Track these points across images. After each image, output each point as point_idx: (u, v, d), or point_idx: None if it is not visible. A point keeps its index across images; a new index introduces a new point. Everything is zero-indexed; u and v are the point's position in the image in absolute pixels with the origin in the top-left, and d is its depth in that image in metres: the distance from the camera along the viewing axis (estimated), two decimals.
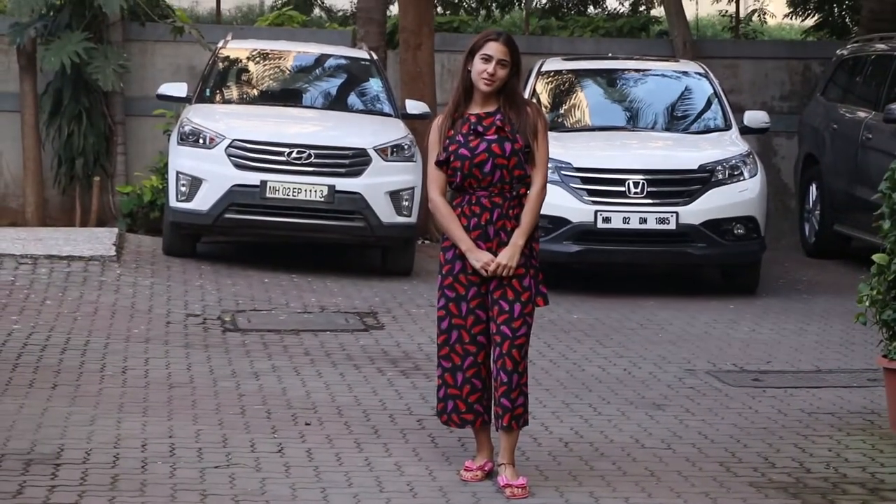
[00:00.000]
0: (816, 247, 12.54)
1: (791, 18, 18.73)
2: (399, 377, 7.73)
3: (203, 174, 10.89)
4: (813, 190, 12.63)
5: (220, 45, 12.32)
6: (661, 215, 10.10)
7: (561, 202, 10.15)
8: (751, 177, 10.47)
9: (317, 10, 19.85)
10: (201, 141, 11.03)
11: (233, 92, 12.21)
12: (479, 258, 5.69)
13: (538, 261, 5.78)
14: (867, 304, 6.50)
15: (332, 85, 12.41)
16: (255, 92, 12.21)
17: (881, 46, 12.42)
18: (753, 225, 10.38)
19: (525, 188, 5.75)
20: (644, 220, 10.13)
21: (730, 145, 10.75)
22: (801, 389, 7.59)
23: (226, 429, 6.57)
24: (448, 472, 5.99)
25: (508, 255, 5.68)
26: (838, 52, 13.15)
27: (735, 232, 10.29)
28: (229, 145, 10.92)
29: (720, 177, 10.36)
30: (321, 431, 6.59)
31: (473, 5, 18.67)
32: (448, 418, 5.90)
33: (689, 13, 17.02)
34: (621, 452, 6.22)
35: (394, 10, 15.66)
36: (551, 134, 9.75)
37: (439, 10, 18.38)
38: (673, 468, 6.11)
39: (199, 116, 11.30)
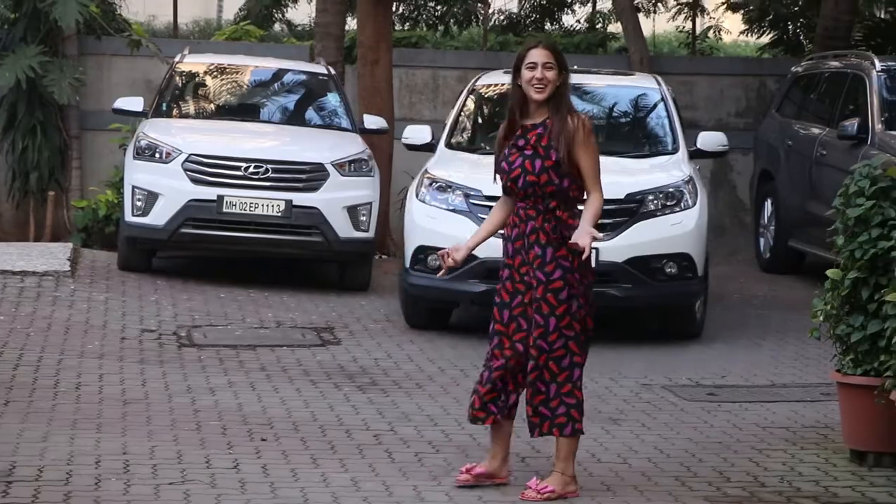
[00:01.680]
0: (771, 262, 12.62)
1: (747, 35, 18.87)
2: (355, 392, 7.71)
3: (159, 189, 10.85)
4: (768, 206, 12.72)
5: (176, 59, 12.28)
6: None
7: (467, 235, 7.32)
8: (687, 208, 9.23)
9: (277, 25, 19.83)
10: (157, 155, 10.99)
11: (190, 106, 12.17)
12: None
13: (585, 287, 5.84)
14: (821, 318, 6.54)
15: (290, 100, 12.39)
16: (212, 106, 12.18)
17: (835, 64, 12.52)
18: (688, 263, 9.14)
19: (557, 201, 5.83)
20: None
21: (670, 171, 9.53)
22: (756, 404, 7.64)
23: (181, 445, 6.53)
24: (405, 486, 5.98)
25: (581, 236, 5.68)
26: (793, 69, 13.26)
27: (666, 271, 9.09)
28: (186, 160, 10.88)
29: (651, 207, 9.12)
30: (277, 447, 6.56)
31: (431, 21, 18.71)
32: (468, 412, 5.99)
33: (647, 30, 17.13)
34: (577, 468, 6.22)
35: (352, 25, 15.66)
36: (472, 157, 9.75)
37: (398, 25, 18.40)
38: (629, 483, 6.12)
39: (155, 131, 11.25)
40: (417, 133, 10.39)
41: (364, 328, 9.51)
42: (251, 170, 10.79)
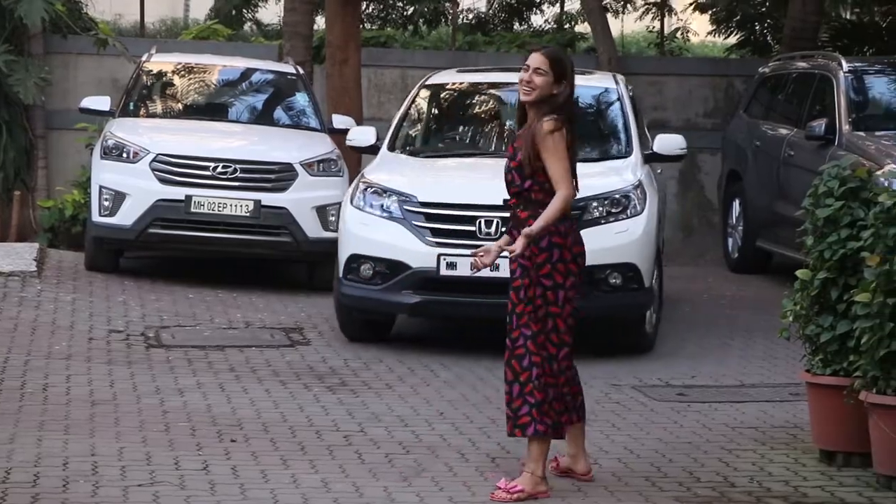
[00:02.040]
0: (739, 262, 12.65)
1: (714, 36, 18.92)
2: (325, 393, 7.68)
3: (127, 188, 10.79)
4: (736, 206, 12.75)
5: (144, 58, 12.21)
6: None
7: (401, 243, 8.59)
8: (634, 215, 8.67)
9: (246, 25, 19.77)
10: (125, 155, 10.94)
11: (157, 106, 12.11)
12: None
13: (563, 279, 5.92)
14: (790, 319, 6.56)
15: (258, 99, 12.34)
16: (180, 106, 12.11)
17: (802, 64, 12.56)
18: (633, 273, 8.56)
19: (519, 201, 5.97)
20: (496, 267, 6.53)
21: (618, 175, 8.95)
22: (725, 404, 7.65)
23: (149, 446, 6.48)
24: (375, 487, 5.96)
25: (514, 245, 5.84)
26: (761, 69, 13.29)
27: (610, 282, 8.55)
28: (153, 159, 10.83)
29: (595, 214, 8.58)
30: (247, 448, 6.52)
31: (400, 21, 18.69)
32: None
33: (615, 30, 17.14)
34: (548, 468, 6.21)
35: (321, 24, 15.61)
36: (414, 161, 9.29)
37: (367, 25, 18.36)
38: (599, 483, 6.11)
39: (122, 130, 11.19)
40: (361, 135, 9.88)
41: (332, 329, 9.48)
42: (219, 170, 10.74)
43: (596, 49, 14.99)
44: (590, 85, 9.86)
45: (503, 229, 7.68)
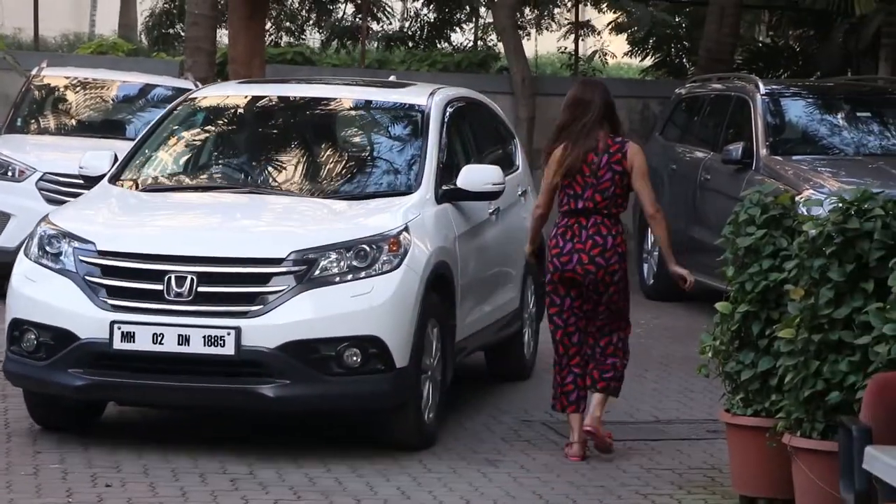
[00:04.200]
0: (655, 288, 12.31)
1: (630, 57, 18.71)
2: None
3: (11, 209, 10.36)
4: (651, 231, 12.42)
5: (33, 72, 11.67)
6: (213, 332, 6.40)
7: (68, 306, 6.58)
8: (384, 272, 6.63)
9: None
10: (10, 173, 10.53)
11: (47, 122, 11.58)
12: None
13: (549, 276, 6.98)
14: (710, 354, 6.16)
15: (155, 116, 11.79)
16: (73, 122, 11.59)
17: (719, 86, 12.30)
18: (378, 350, 6.53)
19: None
20: (186, 340, 6.41)
21: (378, 218, 6.90)
22: (640, 442, 7.24)
23: (14, 493, 5.93)
24: None
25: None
26: (677, 90, 13.01)
27: (345, 361, 6.52)
28: (40, 178, 10.35)
29: (330, 271, 6.58)
30: (122, 494, 6.00)
31: (319, 39, 18.33)
32: None
33: (530, 51, 16.86)
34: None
35: (226, 40, 15.14)
36: (125, 195, 7.22)
37: (283, 40, 17.92)
38: None
39: (8, 147, 10.73)
40: (96, 161, 7.57)
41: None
42: None
43: (509, 69, 14.66)
44: (395, 101, 7.92)
45: (200, 288, 6.47)
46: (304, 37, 18.83)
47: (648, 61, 18.30)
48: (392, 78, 9.80)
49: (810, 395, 5.51)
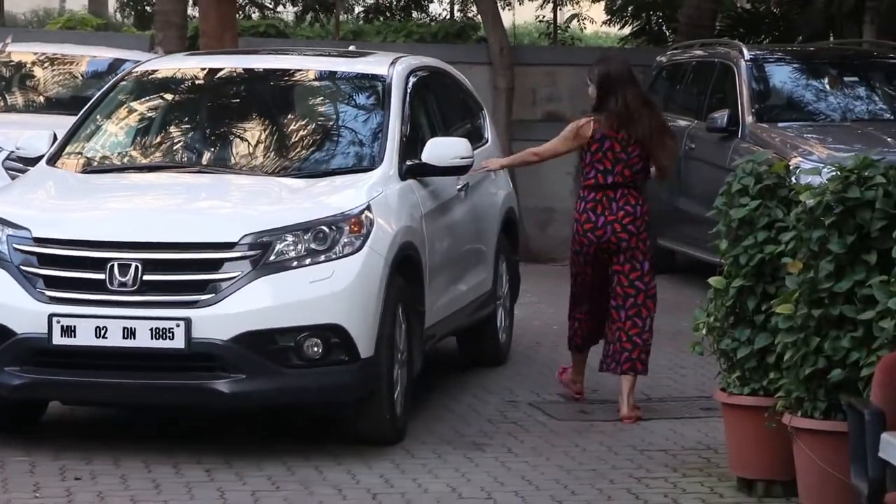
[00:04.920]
0: None
1: (609, 25, 18.44)
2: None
3: None
4: None
5: None
6: (160, 325, 5.98)
7: (1, 298, 6.10)
8: (345, 254, 6.18)
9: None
10: None
11: (14, 99, 11.24)
12: None
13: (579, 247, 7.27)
14: (703, 331, 5.91)
15: None
16: (40, 99, 11.24)
17: (701, 53, 12.04)
18: (340, 339, 6.10)
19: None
20: (132, 333, 5.99)
21: (339, 197, 6.47)
22: (632, 422, 7.00)
23: None
24: None
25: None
26: (658, 58, 12.74)
27: (305, 352, 6.07)
28: (7, 157, 9.95)
29: (288, 255, 6.11)
30: (93, 487, 5.73)
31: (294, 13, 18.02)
32: None
33: (507, 21, 16.57)
34: None
35: (196, 13, 14.80)
36: (65, 177, 6.73)
37: (254, 14, 17.59)
38: None
39: None
40: (34, 141, 7.13)
41: None
42: None
43: (486, 39, 14.37)
44: (350, 71, 7.49)
45: (146, 277, 6.02)
46: (278, 10, 18.52)
47: (627, 29, 18.03)
48: (352, 48, 9.41)
49: (811, 374, 5.27)
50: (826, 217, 5.24)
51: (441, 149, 7.00)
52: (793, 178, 6.01)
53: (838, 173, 5.28)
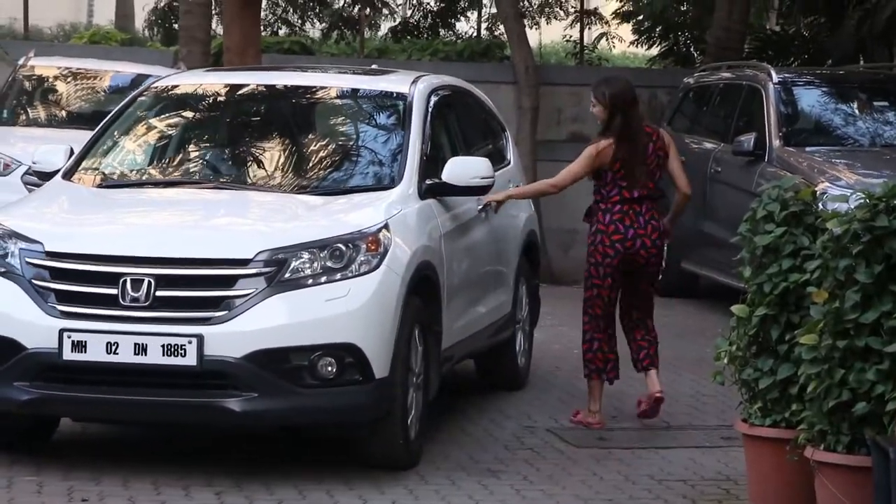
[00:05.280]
0: (664, 285, 11.80)
1: (636, 46, 18.32)
2: None
3: None
4: None
5: (20, 62, 11.31)
6: (172, 341, 5.89)
7: (13, 312, 6.01)
8: (361, 272, 6.08)
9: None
10: None
11: (36, 113, 11.23)
12: None
13: (590, 266, 7.32)
14: (725, 361, 5.78)
15: None
16: (62, 113, 11.23)
17: (729, 75, 11.91)
18: (355, 359, 5.98)
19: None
20: (143, 349, 5.91)
21: (358, 215, 6.36)
22: (651, 451, 6.86)
23: None
24: None
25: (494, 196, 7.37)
26: (685, 80, 12.62)
27: (319, 372, 5.96)
28: (27, 172, 9.89)
29: (303, 273, 6.02)
30: None
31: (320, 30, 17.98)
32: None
33: (534, 40, 16.50)
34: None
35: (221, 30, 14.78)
36: (81, 192, 6.65)
37: (280, 31, 17.57)
38: None
39: None
40: (50, 156, 7.07)
41: None
42: None
43: (512, 58, 14.28)
44: (371, 89, 7.41)
45: (158, 293, 5.94)
46: (304, 28, 18.49)
47: (655, 50, 17.93)
48: (374, 66, 9.27)
49: (835, 406, 5.13)
50: (853, 246, 5.12)
51: (461, 168, 6.91)
52: (819, 205, 5.89)
53: (866, 201, 5.15)
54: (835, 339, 5.13)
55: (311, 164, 7.01)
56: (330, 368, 5.96)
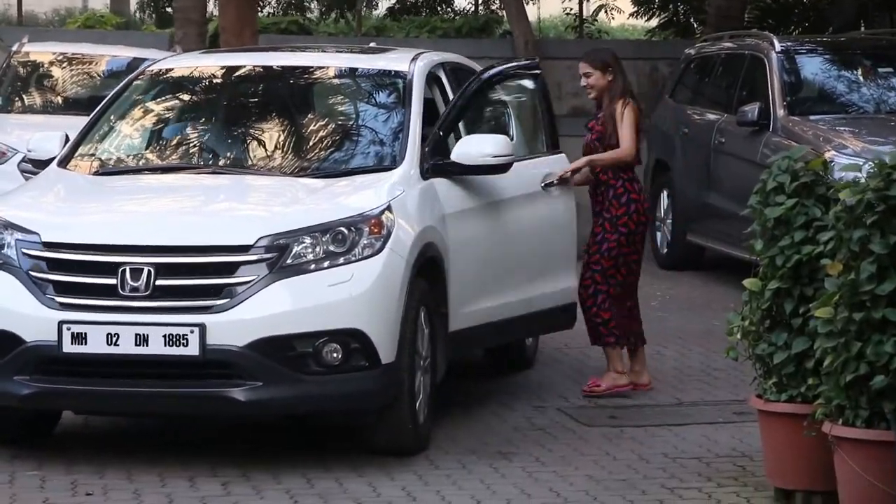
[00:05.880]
0: (669, 257, 11.81)
1: (636, 17, 18.17)
2: None
3: None
4: (664, 198, 11.90)
5: (14, 48, 11.18)
6: (174, 331, 5.78)
7: (11, 305, 5.91)
8: (365, 256, 5.95)
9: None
10: None
11: (31, 100, 11.10)
12: None
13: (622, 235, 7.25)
14: (738, 336, 5.66)
15: None
16: (58, 100, 11.09)
17: (731, 45, 11.77)
18: (361, 344, 5.88)
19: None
20: (145, 340, 5.80)
21: (359, 197, 6.24)
22: (663, 428, 6.75)
23: None
24: None
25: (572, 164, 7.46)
26: (686, 51, 12.48)
27: (324, 358, 5.86)
28: (23, 160, 9.78)
29: (305, 258, 5.90)
30: (104, 502, 5.54)
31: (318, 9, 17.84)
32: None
33: (532, 14, 16.36)
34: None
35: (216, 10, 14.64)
36: (78, 180, 6.51)
37: (280, 12, 17.44)
38: None
39: None
40: (45, 143, 6.92)
41: None
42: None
43: (511, 32, 14.16)
44: (370, 68, 7.20)
45: (158, 282, 5.82)
46: (302, 6, 18.35)
47: (654, 21, 17.78)
48: (372, 44, 9.09)
49: (852, 380, 5.02)
50: (867, 216, 4.99)
51: (472, 147, 6.65)
52: (837, 175, 5.78)
53: (877, 170, 5.03)
54: (851, 311, 5.02)
55: (310, 147, 6.86)
56: (335, 355, 5.86)
